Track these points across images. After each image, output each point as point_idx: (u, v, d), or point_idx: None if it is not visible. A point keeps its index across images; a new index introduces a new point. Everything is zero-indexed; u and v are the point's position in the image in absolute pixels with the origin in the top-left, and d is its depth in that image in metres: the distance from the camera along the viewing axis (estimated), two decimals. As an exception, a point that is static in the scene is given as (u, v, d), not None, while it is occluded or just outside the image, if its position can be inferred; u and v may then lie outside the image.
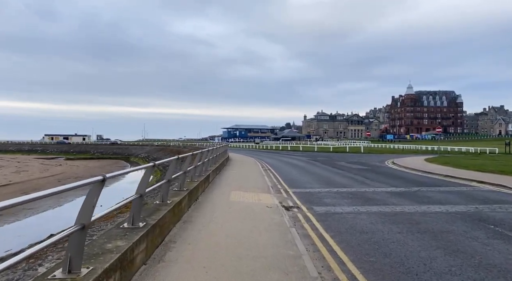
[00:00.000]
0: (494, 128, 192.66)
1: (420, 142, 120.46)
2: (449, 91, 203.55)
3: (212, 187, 13.59)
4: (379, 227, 8.32)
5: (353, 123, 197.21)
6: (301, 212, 9.98)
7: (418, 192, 13.58)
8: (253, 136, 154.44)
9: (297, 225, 8.48)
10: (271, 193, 13.35)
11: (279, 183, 16.60)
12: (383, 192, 13.63)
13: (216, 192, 12.45)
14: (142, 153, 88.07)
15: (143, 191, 5.60)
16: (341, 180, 17.58)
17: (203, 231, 7.23)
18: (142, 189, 5.62)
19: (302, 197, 12.59)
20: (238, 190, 13.37)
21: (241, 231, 7.36)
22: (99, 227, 8.74)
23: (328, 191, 13.96)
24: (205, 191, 12.51)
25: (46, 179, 35.95)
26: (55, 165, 54.93)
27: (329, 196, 12.79)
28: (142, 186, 5.66)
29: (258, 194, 12.79)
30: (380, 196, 12.81)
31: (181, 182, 9.37)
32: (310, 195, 13.06)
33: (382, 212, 9.93)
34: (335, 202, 11.66)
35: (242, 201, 11.05)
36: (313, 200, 11.98)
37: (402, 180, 17.52)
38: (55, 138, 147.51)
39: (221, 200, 10.95)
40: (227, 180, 16.14)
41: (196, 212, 8.92)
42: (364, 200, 11.99)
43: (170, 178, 7.59)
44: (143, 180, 5.69)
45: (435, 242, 7.05)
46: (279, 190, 14.40)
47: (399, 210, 10.21)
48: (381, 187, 14.99)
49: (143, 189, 5.64)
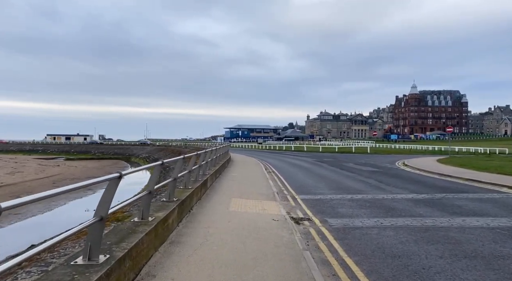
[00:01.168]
0: (499, 128, 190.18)
1: (425, 142, 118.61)
2: (454, 91, 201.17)
3: (210, 194, 12.01)
4: (413, 248, 6.71)
5: (357, 123, 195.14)
6: (313, 226, 8.39)
7: (444, 200, 11.94)
8: (256, 136, 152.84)
9: (311, 245, 6.88)
10: (276, 200, 11.77)
11: (285, 188, 15.01)
12: (404, 200, 12.01)
13: (214, 201, 10.87)
14: (143, 153, 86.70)
15: (104, 213, 4.03)
16: (353, 184, 15.95)
17: (193, 257, 5.64)
18: (104, 209, 4.05)
19: (313, 206, 11.00)
20: (239, 198, 11.79)
21: (242, 256, 5.78)
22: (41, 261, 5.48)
23: (341, 198, 12.35)
24: (202, 199, 10.93)
25: (40, 181, 34.47)
26: (53, 166, 53.50)
27: (344, 205, 11.18)
28: (104, 202, 4.09)
29: (262, 202, 11.20)
30: (402, 204, 11.19)
31: (170, 191, 7.79)
32: (321, 203, 11.46)
33: (410, 227, 8.32)
34: (352, 212, 10.05)
35: (244, 212, 9.46)
36: (325, 210, 10.38)
37: (421, 185, 15.87)
38: (57, 138, 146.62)
39: (219, 211, 9.36)
40: (227, 185, 14.56)
41: (187, 229, 7.33)
42: (385, 210, 10.37)
43: (152, 189, 6.01)
44: (105, 196, 4.12)
45: (493, 274, 5.44)
46: (286, 196, 12.81)
47: (430, 224, 8.59)
48: (400, 193, 13.36)
49: (105, 208, 4.06)
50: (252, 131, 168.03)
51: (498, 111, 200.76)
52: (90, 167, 55.74)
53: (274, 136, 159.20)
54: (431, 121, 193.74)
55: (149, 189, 5.93)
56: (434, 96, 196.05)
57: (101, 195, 4.14)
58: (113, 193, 4.24)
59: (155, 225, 5.67)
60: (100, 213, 3.99)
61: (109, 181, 4.19)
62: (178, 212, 7.53)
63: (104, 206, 4.08)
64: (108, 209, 4.15)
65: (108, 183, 4.22)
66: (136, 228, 5.34)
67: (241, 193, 12.65)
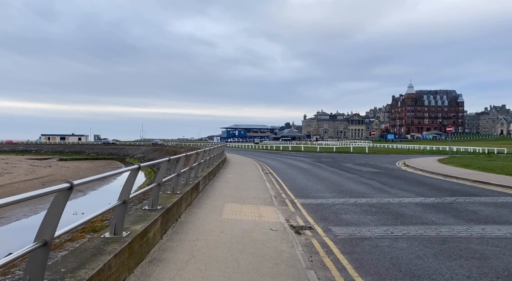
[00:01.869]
0: (495, 127, 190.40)
1: (423, 142, 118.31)
2: (450, 91, 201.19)
3: (202, 199, 11.04)
4: (433, 264, 5.79)
5: (354, 123, 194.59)
6: (316, 237, 7.45)
7: (455, 204, 11.04)
8: (253, 136, 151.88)
9: (316, 261, 5.94)
10: (274, 205, 10.82)
11: (283, 191, 14.06)
12: (412, 204, 11.09)
13: (206, 206, 9.90)
14: (138, 153, 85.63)
15: (49, 236, 3.06)
16: (355, 187, 15.03)
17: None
18: (48, 232, 3.07)
19: (314, 211, 10.07)
20: (234, 202, 10.83)
21: (235, 278, 4.82)
22: None
23: (344, 202, 11.42)
24: (192, 204, 9.96)
25: (29, 183, 33.32)
26: (44, 167, 52.24)
27: (347, 210, 10.25)
28: (49, 222, 3.12)
29: (258, 208, 10.25)
30: (411, 209, 10.27)
31: (153, 198, 6.81)
32: (323, 208, 10.52)
33: (425, 237, 7.39)
34: (358, 219, 9.12)
35: (239, 220, 8.50)
36: (328, 216, 9.44)
37: (426, 187, 14.97)
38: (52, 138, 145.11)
39: (211, 219, 8.40)
40: (221, 188, 13.60)
41: (172, 242, 6.36)
42: (393, 216, 9.45)
43: (127, 198, 5.03)
44: (49, 213, 3.14)
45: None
46: (284, 200, 11.87)
47: (446, 234, 7.67)
48: (406, 197, 12.45)
49: (50, 230, 3.09)
50: (249, 131, 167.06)
51: (494, 110, 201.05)
52: (83, 168, 54.54)
53: (271, 136, 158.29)
54: (428, 120, 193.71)
55: (123, 198, 4.96)
56: (431, 96, 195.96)
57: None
58: (61, 210, 3.18)
59: (129, 242, 4.70)
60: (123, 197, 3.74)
61: (57, 193, 3.13)
62: (162, 222, 6.56)
63: (49, 227, 3.05)
64: (55, 230, 3.14)
65: (55, 196, 3.15)
66: (104, 248, 4.37)
67: (236, 197, 11.69)
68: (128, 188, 5.14)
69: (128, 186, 5.16)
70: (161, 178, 7.00)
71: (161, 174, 7.02)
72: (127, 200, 5.06)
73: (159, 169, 7.38)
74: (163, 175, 7.07)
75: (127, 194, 5.07)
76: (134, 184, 5.47)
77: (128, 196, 5.08)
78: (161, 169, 7.13)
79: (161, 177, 7.02)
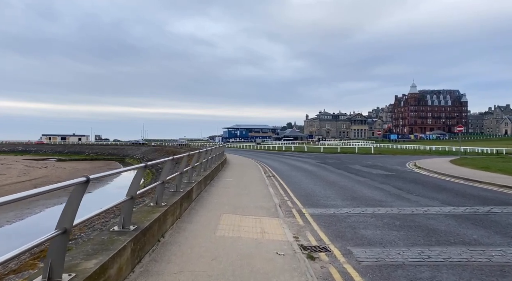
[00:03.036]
0: (500, 127, 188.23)
1: (427, 142, 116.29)
2: (454, 90, 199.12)
3: (194, 210, 9.44)
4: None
5: (356, 123, 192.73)
6: (335, 263, 5.85)
7: (492, 216, 9.40)
8: (254, 136, 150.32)
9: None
10: (279, 216, 9.22)
11: (289, 197, 12.46)
12: (441, 216, 9.47)
13: (198, 220, 8.30)
14: (138, 153, 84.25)
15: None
16: (369, 193, 13.42)
17: None
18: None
19: (327, 225, 8.47)
20: (232, 213, 9.24)
21: None
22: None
23: (361, 213, 9.81)
24: (182, 218, 8.36)
25: (20, 185, 31.80)
26: (40, 167, 50.74)
27: (366, 223, 8.64)
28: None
29: (261, 220, 8.65)
30: (442, 223, 8.65)
31: (124, 216, 5.22)
32: (337, 221, 8.92)
33: (475, 265, 5.77)
34: (382, 236, 7.50)
35: (237, 239, 6.90)
36: (345, 232, 7.83)
37: (450, 193, 13.34)
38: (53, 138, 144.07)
39: (202, 238, 6.80)
40: (219, 195, 11.99)
41: (146, 278, 4.75)
42: (424, 232, 7.83)
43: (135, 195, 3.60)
44: None
45: None
46: (290, 210, 10.27)
47: (500, 259, 6.04)
48: (431, 206, 10.82)
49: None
50: (250, 131, 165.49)
51: (498, 110, 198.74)
52: (80, 169, 53.02)
53: (273, 136, 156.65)
54: (431, 120, 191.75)
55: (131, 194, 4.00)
56: (434, 95, 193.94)
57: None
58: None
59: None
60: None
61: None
62: (135, 249, 4.96)
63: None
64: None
65: None
66: None
67: (235, 207, 10.09)
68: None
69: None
70: (134, 191, 5.40)
71: (133, 186, 5.42)
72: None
73: (162, 169, 5.78)
74: (136, 187, 5.47)
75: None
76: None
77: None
78: (134, 180, 5.53)
79: (134, 189, 5.43)
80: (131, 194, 5.33)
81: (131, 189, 5.38)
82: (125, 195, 5.30)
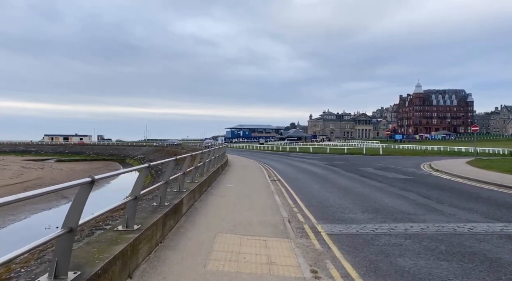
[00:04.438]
0: (506, 127, 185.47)
1: (433, 142, 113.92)
2: (459, 90, 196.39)
3: (183, 228, 7.54)
4: None
5: (361, 123, 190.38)
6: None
7: (559, 237, 7.45)
8: (257, 136, 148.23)
9: None
10: (290, 237, 7.33)
11: (299, 208, 10.55)
12: (493, 236, 7.52)
13: (185, 244, 6.41)
14: (139, 154, 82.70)
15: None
16: (391, 202, 11.48)
17: None
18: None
19: (351, 250, 6.57)
20: (230, 232, 7.36)
21: None
22: None
23: (391, 232, 7.87)
24: (165, 241, 6.45)
25: (9, 187, 30.02)
26: (36, 169, 49.06)
27: (402, 248, 6.71)
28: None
29: (266, 244, 6.76)
30: (502, 249, 6.69)
31: (58, 258, 3.34)
32: (364, 244, 7.00)
33: None
34: (429, 270, 5.58)
35: (235, 276, 5.01)
36: (378, 263, 5.92)
37: (489, 204, 11.35)
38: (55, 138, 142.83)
39: (187, 276, 4.90)
40: (215, 207, 10.10)
41: None
42: (485, 264, 5.90)
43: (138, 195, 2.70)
44: None
45: None
46: (302, 226, 8.36)
47: None
48: (474, 221, 8.86)
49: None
50: (253, 131, 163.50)
51: (505, 110, 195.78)
52: (77, 170, 51.28)
53: (276, 136, 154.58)
54: (436, 120, 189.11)
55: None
56: (439, 95, 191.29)
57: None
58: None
59: None
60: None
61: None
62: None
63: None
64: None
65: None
66: None
67: (235, 223, 8.19)
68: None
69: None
70: (75, 220, 3.53)
71: (73, 208, 3.54)
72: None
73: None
74: (74, 213, 3.59)
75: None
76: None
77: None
78: (75, 199, 3.64)
79: (73, 216, 3.55)
80: (69, 225, 3.44)
81: (70, 216, 3.50)
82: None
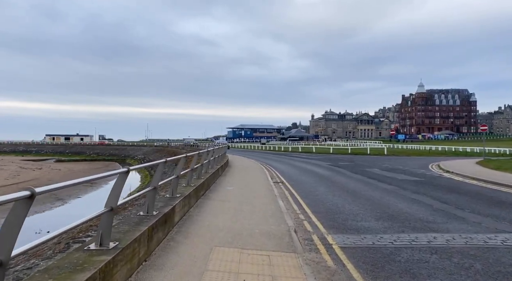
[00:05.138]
0: (510, 127, 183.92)
1: (436, 142, 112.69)
2: (462, 90, 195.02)
3: (174, 241, 6.55)
4: None
5: (363, 123, 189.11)
6: None
7: None
8: (259, 136, 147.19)
9: None
10: (297, 251, 6.34)
11: (305, 215, 9.56)
12: (531, 250, 6.52)
13: (175, 262, 5.41)
14: (139, 154, 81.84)
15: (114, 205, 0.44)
16: (406, 208, 10.47)
17: None
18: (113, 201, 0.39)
19: (372, 270, 5.58)
20: (228, 246, 6.37)
21: None
22: None
23: (413, 245, 6.87)
24: (151, 258, 5.47)
25: (4, 189, 29.14)
26: (34, 169, 48.22)
27: (429, 266, 5.72)
28: None
29: (270, 260, 5.78)
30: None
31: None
32: (384, 261, 6.01)
33: None
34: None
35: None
36: (404, 287, 4.92)
37: None
38: (56, 138, 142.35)
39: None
40: (212, 214, 9.10)
41: None
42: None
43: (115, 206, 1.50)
44: None
45: None
46: (311, 237, 7.38)
47: None
48: (505, 231, 7.85)
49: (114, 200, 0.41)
50: (255, 131, 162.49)
51: (508, 110, 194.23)
52: (76, 170, 50.40)
53: (278, 136, 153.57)
54: (439, 120, 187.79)
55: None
56: (442, 95, 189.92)
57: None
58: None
59: None
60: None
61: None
62: None
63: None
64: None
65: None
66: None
67: (233, 234, 7.20)
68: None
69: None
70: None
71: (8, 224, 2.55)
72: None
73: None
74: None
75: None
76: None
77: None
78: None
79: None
80: (2, 258, 2.46)
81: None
82: None
